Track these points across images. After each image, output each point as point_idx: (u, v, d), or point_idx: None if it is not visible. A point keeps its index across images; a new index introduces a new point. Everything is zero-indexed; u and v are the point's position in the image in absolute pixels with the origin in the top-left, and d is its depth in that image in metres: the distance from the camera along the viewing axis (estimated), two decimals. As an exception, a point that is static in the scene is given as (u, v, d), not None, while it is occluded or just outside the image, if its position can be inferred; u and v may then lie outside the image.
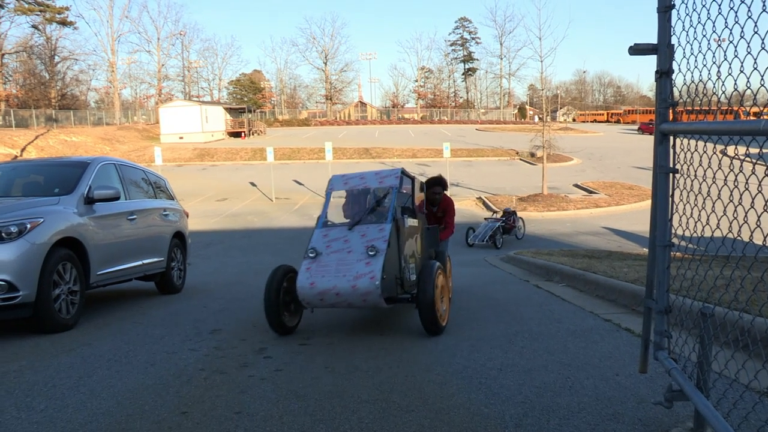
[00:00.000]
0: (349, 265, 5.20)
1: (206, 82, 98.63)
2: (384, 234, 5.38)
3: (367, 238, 5.39)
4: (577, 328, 5.37)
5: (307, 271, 5.30)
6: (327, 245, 5.52)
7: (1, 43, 65.41)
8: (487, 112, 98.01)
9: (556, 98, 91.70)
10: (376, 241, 5.32)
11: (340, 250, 5.41)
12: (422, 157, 44.37)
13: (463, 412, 3.33)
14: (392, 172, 6.13)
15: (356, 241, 5.43)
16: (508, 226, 20.40)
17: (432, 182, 7.79)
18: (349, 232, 5.59)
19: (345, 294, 5.06)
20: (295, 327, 5.71)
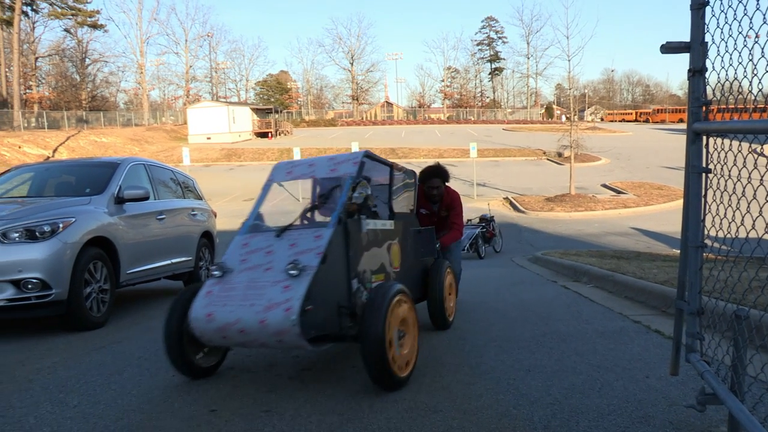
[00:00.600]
0: (261, 290, 3.71)
1: (233, 83, 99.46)
2: (320, 243, 3.87)
3: (295, 250, 3.92)
4: (606, 330, 5.32)
5: (206, 297, 3.82)
6: (243, 259, 4.06)
7: (35, 47, 66.71)
8: (514, 112, 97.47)
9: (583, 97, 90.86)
10: (306, 254, 3.83)
11: (256, 267, 3.93)
12: (449, 157, 44.27)
13: (491, 413, 3.32)
14: (352, 156, 4.72)
15: (282, 253, 3.94)
16: (487, 234, 18.00)
17: (427, 174, 6.31)
18: (277, 240, 4.11)
19: (252, 331, 3.57)
20: (216, 367, 4.23)
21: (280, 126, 66.30)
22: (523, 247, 18.71)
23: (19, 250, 5.58)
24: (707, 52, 2.51)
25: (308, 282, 3.61)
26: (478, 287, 8.82)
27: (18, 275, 5.51)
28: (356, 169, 4.47)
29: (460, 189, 34.44)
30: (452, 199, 6.44)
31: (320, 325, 3.68)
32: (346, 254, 4.05)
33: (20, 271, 5.51)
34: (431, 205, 6.39)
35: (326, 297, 3.76)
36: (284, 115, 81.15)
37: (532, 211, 25.35)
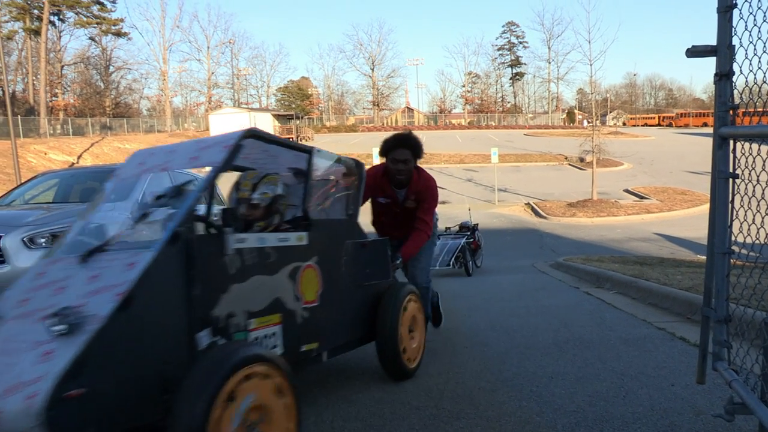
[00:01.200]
0: (14, 356, 2.32)
1: (255, 89, 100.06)
2: (127, 277, 2.44)
3: (91, 287, 2.49)
4: (629, 336, 5.26)
5: None
6: (24, 298, 2.67)
7: (61, 56, 67.77)
8: (535, 117, 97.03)
9: (605, 102, 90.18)
10: (99, 295, 2.42)
11: (31, 313, 2.53)
12: (470, 163, 44.19)
13: (515, 421, 3.30)
14: (225, 138, 3.22)
15: (74, 291, 2.53)
16: (472, 245, 14.61)
17: (392, 143, 4.74)
18: (79, 268, 2.67)
19: None
20: None
21: (301, 132, 66.57)
22: (544, 252, 18.58)
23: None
24: (734, 56, 2.48)
25: (79, 347, 2.18)
26: (499, 293, 8.78)
27: (44, 280, 5.57)
28: (224, 156, 3.02)
29: (482, 194, 34.15)
30: (426, 186, 4.78)
31: (103, 419, 2.24)
32: (186, 291, 2.62)
33: (46, 276, 5.58)
34: (394, 190, 4.78)
35: (129, 367, 2.35)
36: (305, 121, 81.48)
37: (553, 217, 25.19)
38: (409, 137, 4.72)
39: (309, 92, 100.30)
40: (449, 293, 8.85)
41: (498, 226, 23.78)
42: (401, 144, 4.67)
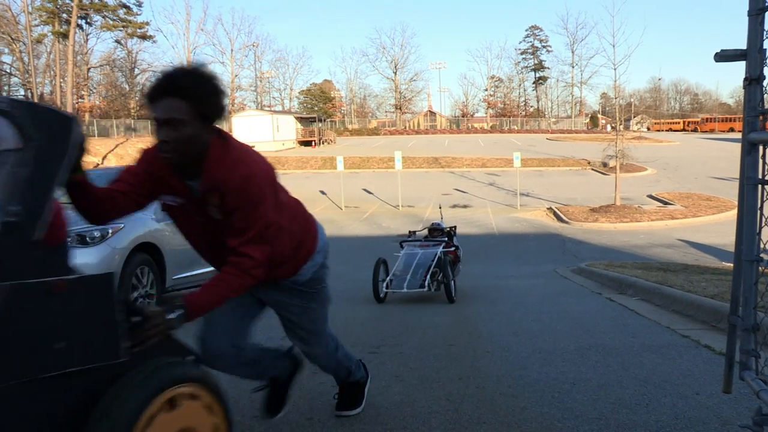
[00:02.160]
0: None
1: (278, 92, 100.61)
2: None
3: None
4: (653, 344, 5.20)
5: None
6: None
7: (87, 58, 68.70)
8: (558, 121, 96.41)
9: (629, 107, 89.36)
10: None
11: None
12: (492, 167, 44.01)
13: (536, 427, 3.27)
14: None
15: None
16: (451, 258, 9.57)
17: (152, 91, 2.35)
18: None
19: None
20: None
21: (324, 135, 66.80)
22: (566, 257, 18.43)
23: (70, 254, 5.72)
24: (765, 60, 2.44)
25: None
26: (521, 298, 8.73)
27: (69, 279, 5.63)
28: None
29: (504, 199, 34.11)
30: (236, 176, 2.41)
31: None
32: None
33: (71, 275, 5.64)
34: (183, 182, 2.50)
35: None
36: (327, 123, 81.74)
37: (576, 222, 24.98)
38: (181, 75, 2.38)
39: (331, 95, 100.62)
40: (469, 298, 8.82)
41: (520, 230, 23.66)
42: (165, 90, 2.33)
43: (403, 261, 9.19)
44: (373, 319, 6.87)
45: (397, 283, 8.64)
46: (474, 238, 21.74)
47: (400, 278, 8.75)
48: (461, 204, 30.58)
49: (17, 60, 64.32)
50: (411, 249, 9.57)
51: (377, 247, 19.43)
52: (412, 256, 9.21)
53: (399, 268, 9.03)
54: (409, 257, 9.22)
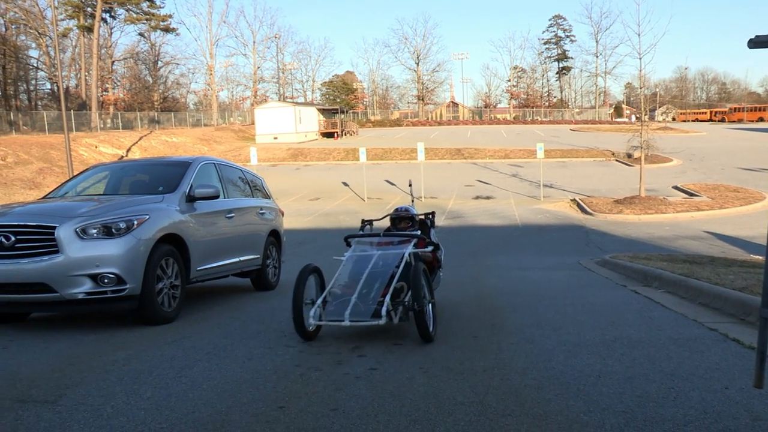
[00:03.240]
0: None
1: (300, 83, 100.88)
2: None
3: None
4: (679, 337, 5.14)
5: None
6: None
7: (111, 52, 69.36)
8: (582, 112, 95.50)
9: (654, 97, 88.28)
10: None
11: None
12: (515, 158, 43.74)
13: (561, 419, 3.25)
14: None
15: None
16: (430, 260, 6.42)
17: None
18: None
19: None
20: None
21: (346, 126, 66.83)
22: (590, 249, 18.28)
23: (96, 245, 5.80)
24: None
25: None
26: (545, 290, 8.68)
27: (95, 270, 5.72)
28: None
29: (527, 190, 34.05)
30: None
31: None
32: None
33: (98, 266, 5.72)
34: None
35: None
36: (350, 115, 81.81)
37: (600, 213, 24.75)
38: None
39: (354, 86, 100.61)
40: (493, 290, 8.78)
41: (543, 222, 23.51)
42: None
43: (349, 270, 5.77)
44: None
45: (334, 309, 5.21)
46: (497, 229, 21.66)
47: (340, 300, 5.30)
48: (484, 195, 30.45)
49: (44, 54, 65.15)
50: (362, 249, 6.07)
51: (400, 238, 19.44)
52: (363, 262, 5.75)
53: (340, 281, 5.64)
54: (359, 263, 5.77)
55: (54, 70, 61.18)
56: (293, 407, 3.50)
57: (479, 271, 11.93)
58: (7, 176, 31.67)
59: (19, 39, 65.79)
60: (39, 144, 38.31)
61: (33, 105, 66.47)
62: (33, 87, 71.49)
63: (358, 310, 5.08)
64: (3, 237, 5.78)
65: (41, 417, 3.46)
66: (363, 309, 5.10)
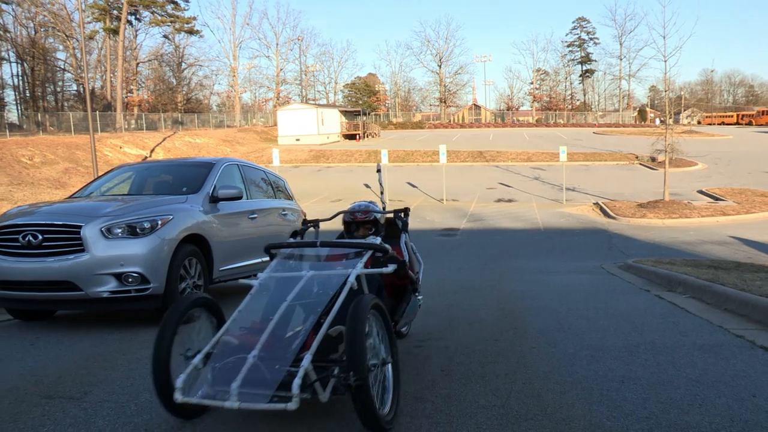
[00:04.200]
0: None
1: (322, 85, 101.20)
2: None
3: None
4: (705, 343, 5.07)
5: None
6: None
7: (136, 53, 70.23)
8: (605, 115, 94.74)
9: (679, 100, 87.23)
10: None
11: None
12: (537, 161, 43.52)
13: (584, 424, 3.23)
14: None
15: None
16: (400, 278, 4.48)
17: None
18: None
19: None
20: None
21: (368, 128, 66.92)
22: (613, 253, 18.13)
23: (121, 245, 5.87)
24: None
25: None
26: (567, 294, 8.61)
27: (120, 269, 5.79)
28: None
29: (549, 194, 33.91)
30: None
31: None
32: None
33: (122, 265, 5.79)
34: None
35: None
36: (372, 117, 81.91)
37: (623, 217, 24.54)
38: None
39: (376, 89, 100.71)
40: (515, 293, 8.74)
41: (565, 225, 23.35)
42: None
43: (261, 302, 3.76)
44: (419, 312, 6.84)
45: (217, 376, 3.20)
46: (519, 232, 21.56)
47: (228, 361, 3.25)
48: (506, 198, 30.33)
49: (71, 56, 66.13)
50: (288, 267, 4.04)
51: (422, 240, 19.44)
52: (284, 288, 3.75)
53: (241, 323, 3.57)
54: (279, 291, 3.77)
55: (80, 72, 62.10)
56: (314, 407, 3.50)
57: (501, 274, 11.87)
58: (34, 176, 32.15)
59: (47, 41, 66.92)
60: (65, 144, 38.85)
61: (60, 106, 67.46)
62: (60, 88, 72.58)
63: (257, 378, 3.01)
64: (30, 236, 5.88)
65: (67, 413, 3.51)
66: (266, 377, 3.01)
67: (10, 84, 68.78)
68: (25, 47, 64.17)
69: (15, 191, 29.27)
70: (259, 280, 3.85)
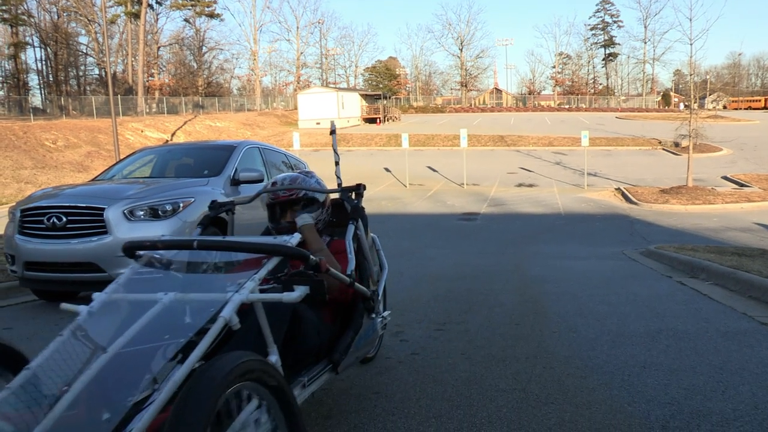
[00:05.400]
0: None
1: (343, 69, 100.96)
2: None
3: None
4: (728, 330, 5.02)
5: None
6: None
7: (157, 37, 70.53)
8: (628, 100, 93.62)
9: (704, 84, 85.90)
10: None
11: None
12: (559, 146, 43.16)
13: (605, 408, 3.22)
14: None
15: None
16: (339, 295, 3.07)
17: None
18: None
19: None
20: None
21: (389, 112, 66.74)
22: (635, 239, 17.96)
23: (143, 227, 5.92)
24: None
25: None
26: (588, 279, 8.56)
27: (143, 251, 5.83)
28: None
29: (570, 178, 33.68)
30: None
31: None
32: None
33: (145, 247, 5.83)
34: None
35: None
36: (392, 101, 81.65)
37: (645, 203, 24.29)
38: None
39: (396, 72, 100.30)
40: (536, 278, 8.71)
41: (587, 211, 23.18)
42: None
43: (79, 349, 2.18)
44: (439, 296, 6.84)
45: None
46: (539, 217, 21.45)
47: None
48: (527, 183, 30.15)
49: (93, 41, 66.59)
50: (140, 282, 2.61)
51: (442, 224, 19.43)
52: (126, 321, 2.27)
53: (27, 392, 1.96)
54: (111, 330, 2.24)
55: (102, 56, 62.56)
56: (336, 389, 3.53)
57: (521, 259, 11.82)
58: (57, 159, 32.50)
59: (69, 26, 67.40)
60: (87, 128, 39.19)
61: (82, 90, 68.03)
62: (82, 72, 73.15)
63: None
64: (55, 218, 5.95)
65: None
66: None
67: (34, 68, 69.61)
68: (48, 32, 64.73)
69: (39, 174, 29.63)
70: (90, 304, 2.43)
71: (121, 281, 2.58)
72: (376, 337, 3.60)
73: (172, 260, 2.67)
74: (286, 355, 2.55)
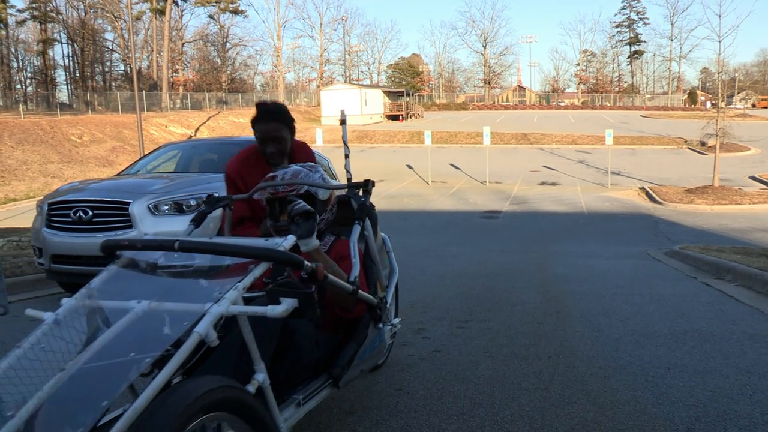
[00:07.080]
0: None
1: (366, 65, 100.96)
2: None
3: None
4: (755, 332, 4.94)
5: None
6: None
7: (182, 34, 71.13)
8: (653, 98, 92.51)
9: (733, 82, 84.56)
10: None
11: None
12: (582, 144, 42.81)
13: (629, 409, 3.19)
14: None
15: None
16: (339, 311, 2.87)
17: None
18: None
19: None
20: None
21: (411, 109, 66.61)
22: (659, 239, 17.78)
23: (168, 221, 5.98)
24: None
25: None
26: (612, 279, 8.50)
27: (167, 246, 5.88)
28: None
29: (594, 177, 33.49)
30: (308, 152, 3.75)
31: None
32: None
33: (169, 242, 5.89)
34: None
35: None
36: (415, 98, 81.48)
37: (669, 203, 24.02)
38: None
39: (420, 69, 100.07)
40: (558, 277, 8.66)
41: (610, 210, 22.98)
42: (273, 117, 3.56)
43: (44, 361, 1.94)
44: (461, 294, 6.83)
45: None
46: (562, 216, 21.32)
47: None
48: (549, 181, 29.96)
49: (118, 37, 67.38)
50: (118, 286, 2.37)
51: (464, 222, 19.38)
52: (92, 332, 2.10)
53: None
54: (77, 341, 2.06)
55: (127, 52, 63.11)
56: (358, 384, 3.54)
57: (544, 257, 11.76)
58: (83, 154, 32.92)
59: (96, 23, 68.20)
60: (112, 123, 39.63)
61: (107, 86, 68.87)
62: (108, 68, 74.07)
63: None
64: (81, 212, 6.03)
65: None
66: None
67: (61, 65, 70.57)
68: (76, 28, 65.58)
69: (65, 169, 30.04)
70: (57, 311, 2.17)
71: (95, 285, 2.30)
72: (383, 348, 3.37)
73: (155, 262, 2.38)
74: (277, 371, 2.34)
